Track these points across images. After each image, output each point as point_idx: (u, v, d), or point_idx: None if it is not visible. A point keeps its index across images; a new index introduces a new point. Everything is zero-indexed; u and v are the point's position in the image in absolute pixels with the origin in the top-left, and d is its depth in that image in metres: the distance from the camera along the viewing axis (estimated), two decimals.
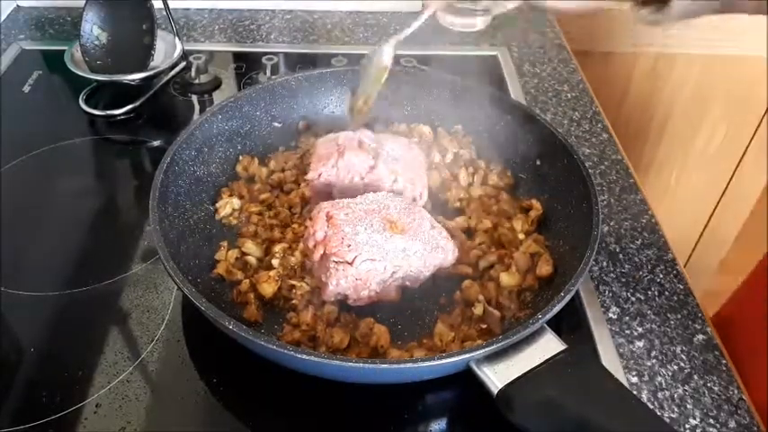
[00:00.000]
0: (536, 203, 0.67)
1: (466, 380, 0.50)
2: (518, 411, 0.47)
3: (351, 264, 0.56)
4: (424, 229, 0.59)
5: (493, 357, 0.49)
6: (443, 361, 0.47)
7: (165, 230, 0.57)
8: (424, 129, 0.76)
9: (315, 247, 0.58)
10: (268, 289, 0.59)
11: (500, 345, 0.49)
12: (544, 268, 0.60)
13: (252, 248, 0.63)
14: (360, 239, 0.56)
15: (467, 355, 0.48)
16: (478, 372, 0.49)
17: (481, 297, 0.59)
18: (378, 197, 0.61)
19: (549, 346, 0.50)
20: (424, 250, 0.58)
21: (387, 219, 0.58)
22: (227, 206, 0.67)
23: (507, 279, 0.60)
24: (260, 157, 0.73)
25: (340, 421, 0.54)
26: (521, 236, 0.65)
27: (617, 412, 0.46)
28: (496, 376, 0.48)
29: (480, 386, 0.49)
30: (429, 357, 0.48)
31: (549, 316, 0.51)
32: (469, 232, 0.66)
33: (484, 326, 0.58)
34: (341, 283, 0.56)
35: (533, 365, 0.49)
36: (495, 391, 0.48)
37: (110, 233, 0.71)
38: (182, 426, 0.53)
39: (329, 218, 0.58)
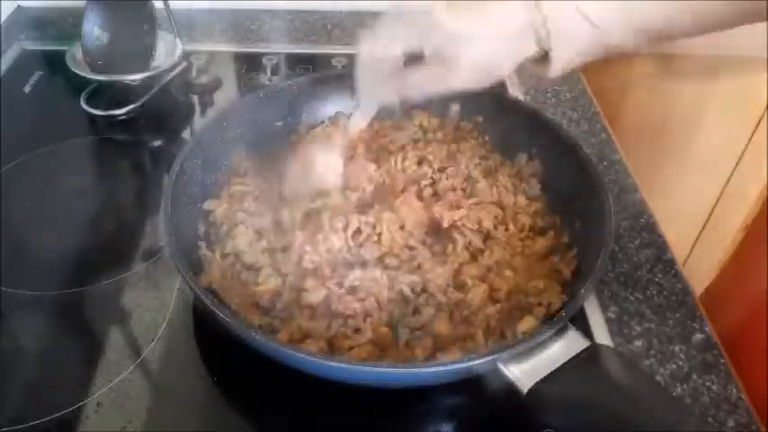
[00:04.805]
0: (551, 222, 0.66)
1: (466, 380, 0.51)
2: (550, 410, 0.47)
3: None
4: None
5: (520, 357, 0.49)
6: (472, 362, 0.48)
7: (179, 239, 0.57)
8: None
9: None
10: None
11: (527, 344, 0.49)
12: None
13: (251, 250, 0.62)
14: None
15: (495, 355, 0.48)
16: (506, 371, 0.49)
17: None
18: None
19: (573, 343, 0.50)
20: None
21: None
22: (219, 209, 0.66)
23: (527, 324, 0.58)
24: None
25: (344, 421, 0.54)
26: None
27: (651, 406, 0.46)
28: (525, 375, 0.48)
29: (483, 386, 0.49)
30: (458, 359, 0.48)
31: (572, 313, 0.51)
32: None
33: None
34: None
35: (561, 363, 0.49)
36: (525, 390, 0.48)
37: (110, 233, 0.71)
38: (183, 425, 0.53)
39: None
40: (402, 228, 0.63)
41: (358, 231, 0.61)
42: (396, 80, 0.55)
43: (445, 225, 0.64)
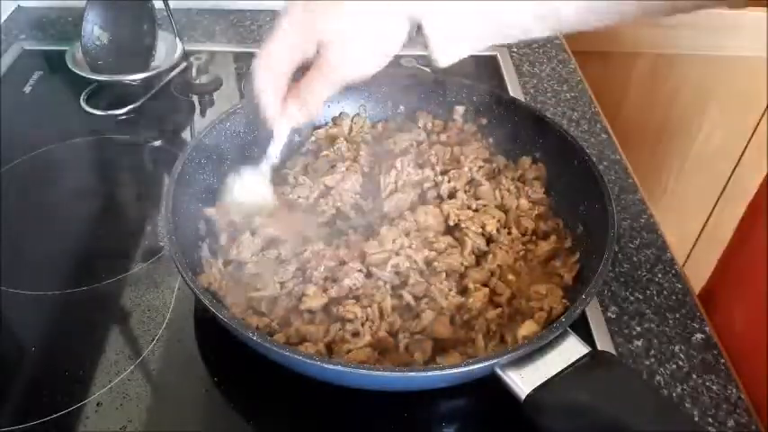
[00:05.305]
0: (554, 226, 0.66)
1: (466, 384, 0.51)
2: (548, 416, 0.47)
3: None
4: None
5: (518, 362, 0.49)
6: (469, 368, 0.48)
7: (179, 239, 0.56)
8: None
9: None
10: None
11: (525, 349, 0.49)
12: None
13: (254, 260, 0.62)
14: None
15: (493, 361, 0.48)
16: (504, 377, 0.49)
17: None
18: None
19: (573, 349, 0.50)
20: None
21: None
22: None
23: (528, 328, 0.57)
24: None
25: (343, 423, 0.54)
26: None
27: (649, 413, 0.47)
28: (523, 381, 0.48)
29: (483, 391, 0.49)
30: (455, 365, 0.48)
31: (572, 319, 0.51)
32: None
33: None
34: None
35: (559, 369, 0.49)
36: (522, 396, 0.48)
37: (110, 233, 0.71)
38: (182, 425, 0.53)
39: None
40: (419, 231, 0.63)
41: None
42: (296, 93, 0.54)
43: (451, 223, 0.64)
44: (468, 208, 0.66)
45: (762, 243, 0.67)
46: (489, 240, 0.64)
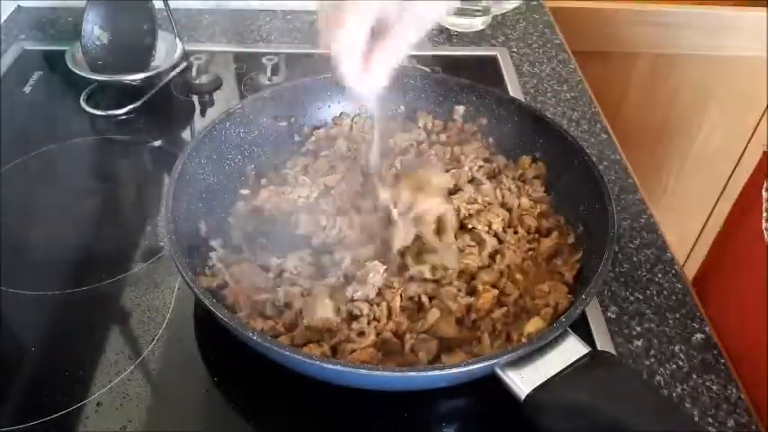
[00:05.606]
0: (556, 223, 0.66)
1: (469, 384, 0.51)
2: (548, 416, 0.47)
3: None
4: None
5: (518, 362, 0.49)
6: (468, 368, 0.48)
7: (179, 239, 0.56)
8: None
9: None
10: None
11: (525, 349, 0.49)
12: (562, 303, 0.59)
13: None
14: None
15: (492, 361, 0.48)
16: (504, 377, 0.49)
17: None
18: None
19: (573, 349, 0.50)
20: None
21: None
22: None
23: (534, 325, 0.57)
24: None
25: (344, 423, 0.54)
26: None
27: (649, 413, 0.47)
28: (523, 381, 0.48)
29: (485, 391, 0.49)
30: (454, 365, 0.48)
31: (572, 319, 0.51)
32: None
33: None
34: None
35: (559, 369, 0.49)
36: (522, 396, 0.48)
37: (110, 233, 0.71)
38: (183, 425, 0.53)
39: None
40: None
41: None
42: (372, 61, 0.54)
43: (460, 216, 0.64)
44: (475, 201, 0.66)
45: (757, 227, 0.67)
46: (497, 239, 0.64)
